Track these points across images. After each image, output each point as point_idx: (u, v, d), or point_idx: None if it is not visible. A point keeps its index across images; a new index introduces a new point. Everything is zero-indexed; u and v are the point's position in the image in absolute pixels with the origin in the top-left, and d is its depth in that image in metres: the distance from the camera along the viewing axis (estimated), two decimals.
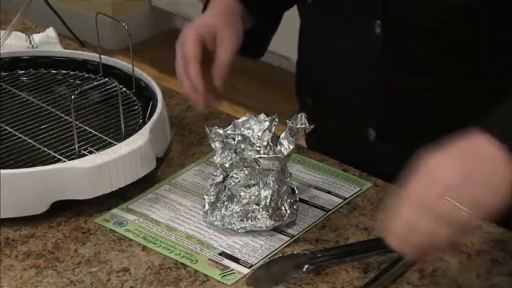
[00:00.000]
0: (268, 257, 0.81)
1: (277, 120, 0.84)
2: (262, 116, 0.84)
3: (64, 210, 0.87)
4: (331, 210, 0.88)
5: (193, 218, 0.86)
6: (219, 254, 0.82)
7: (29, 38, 1.12)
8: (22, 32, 1.14)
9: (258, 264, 0.80)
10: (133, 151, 0.89)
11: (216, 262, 0.81)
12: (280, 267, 0.80)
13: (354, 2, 0.90)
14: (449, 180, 0.67)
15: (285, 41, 1.21)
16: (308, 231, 0.85)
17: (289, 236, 0.84)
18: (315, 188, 0.91)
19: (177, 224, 0.86)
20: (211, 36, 0.91)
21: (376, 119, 0.94)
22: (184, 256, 0.81)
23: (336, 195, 0.90)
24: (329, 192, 0.90)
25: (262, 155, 0.81)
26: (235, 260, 0.81)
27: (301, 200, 0.88)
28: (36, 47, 1.11)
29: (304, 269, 0.79)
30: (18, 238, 0.85)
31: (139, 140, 0.90)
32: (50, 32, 1.15)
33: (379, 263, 0.81)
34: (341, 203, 0.89)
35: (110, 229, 0.85)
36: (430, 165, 0.68)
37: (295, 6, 0.99)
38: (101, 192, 0.87)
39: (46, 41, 1.12)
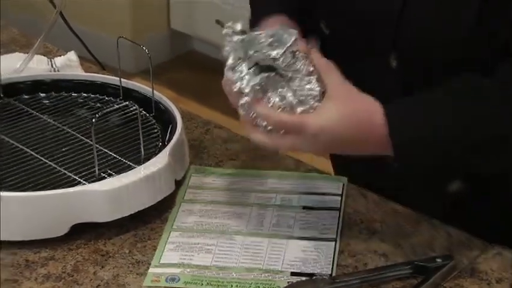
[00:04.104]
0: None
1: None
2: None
3: (83, 232, 0.88)
4: (340, 208, 0.91)
5: (231, 252, 0.86)
6: (291, 274, 0.82)
7: (51, 61, 1.13)
8: (44, 56, 1.15)
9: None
10: (152, 174, 0.89)
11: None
12: None
13: (367, 35, 0.90)
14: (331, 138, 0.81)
15: None
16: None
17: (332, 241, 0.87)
18: (304, 194, 0.93)
19: (223, 262, 0.84)
20: None
21: None
22: (265, 286, 0.81)
23: (331, 194, 0.93)
24: (322, 194, 0.92)
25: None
26: (311, 275, 0.82)
27: (306, 208, 0.90)
28: (58, 70, 1.13)
29: None
30: (38, 260, 0.85)
31: (158, 163, 0.90)
32: (72, 55, 1.16)
33: None
34: (341, 200, 0.92)
35: (132, 257, 0.85)
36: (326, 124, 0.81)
37: None
38: (120, 215, 0.88)
39: (67, 65, 1.14)
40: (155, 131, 0.99)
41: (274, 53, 0.81)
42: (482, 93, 0.82)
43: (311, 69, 0.82)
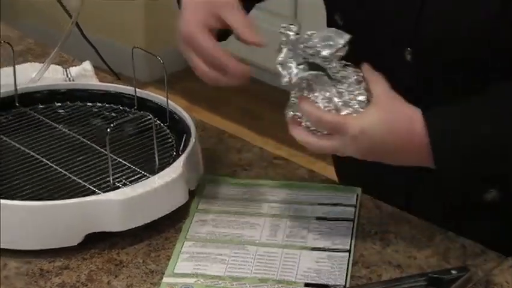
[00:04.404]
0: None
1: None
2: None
3: (97, 242, 0.88)
4: (354, 219, 0.91)
5: (245, 263, 0.85)
6: (305, 285, 0.82)
7: (66, 71, 1.14)
8: (59, 65, 1.16)
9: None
10: (166, 184, 0.89)
11: None
12: None
13: (385, 29, 0.90)
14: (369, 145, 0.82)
15: None
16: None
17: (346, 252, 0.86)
18: (318, 204, 0.93)
19: (237, 272, 0.84)
20: (214, 18, 0.88)
21: None
22: None
23: (344, 205, 0.93)
24: (335, 205, 0.92)
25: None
26: (325, 286, 0.82)
27: (320, 218, 0.90)
28: (73, 80, 1.13)
29: None
30: (52, 270, 0.85)
31: (172, 173, 0.91)
32: (87, 65, 1.17)
33: None
34: (355, 211, 0.92)
35: (146, 267, 0.86)
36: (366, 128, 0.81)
37: None
38: (135, 225, 0.88)
39: (83, 74, 1.14)
40: (170, 140, 0.99)
41: (325, 53, 0.82)
42: None
43: (360, 78, 0.83)
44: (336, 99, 0.83)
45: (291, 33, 0.83)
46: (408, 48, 0.88)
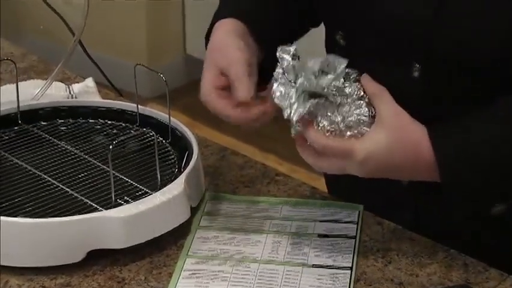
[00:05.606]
0: None
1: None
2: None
3: (99, 258, 0.88)
4: (356, 236, 0.91)
5: (246, 280, 0.85)
6: None
7: (69, 87, 1.15)
8: (62, 82, 1.16)
9: None
10: (168, 201, 0.89)
11: None
12: None
13: (392, 46, 0.89)
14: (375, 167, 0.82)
15: None
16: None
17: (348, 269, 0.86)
18: (320, 221, 0.93)
19: None
20: (223, 77, 0.90)
21: None
22: None
23: (346, 222, 0.92)
24: (337, 222, 0.92)
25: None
26: None
27: (321, 235, 0.90)
28: (76, 97, 1.14)
29: None
30: (54, 287, 0.85)
31: (174, 190, 0.91)
32: (89, 82, 1.17)
33: None
34: (356, 228, 0.92)
35: (148, 284, 0.85)
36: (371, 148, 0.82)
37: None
38: (137, 242, 0.88)
39: (85, 91, 1.15)
40: (172, 157, 1.00)
41: (323, 82, 0.82)
42: None
43: (361, 93, 0.83)
44: (339, 122, 0.83)
45: (287, 60, 0.83)
46: (417, 65, 0.87)
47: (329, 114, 0.83)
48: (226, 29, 0.93)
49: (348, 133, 0.83)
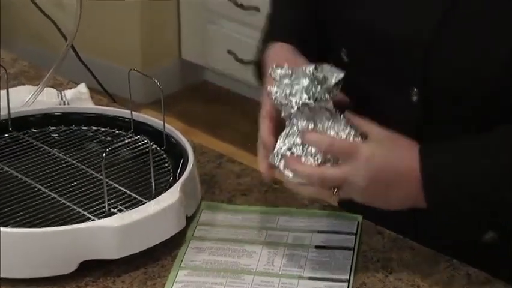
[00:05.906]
0: None
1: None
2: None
3: (91, 269, 0.86)
4: (354, 248, 0.89)
5: None
6: None
7: (61, 94, 1.13)
8: (54, 88, 1.14)
9: None
10: (163, 210, 0.87)
11: None
12: None
13: (390, 67, 0.89)
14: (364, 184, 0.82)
15: None
16: None
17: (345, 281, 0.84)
18: (317, 232, 0.91)
19: None
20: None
21: None
22: None
23: (345, 233, 0.91)
24: (335, 233, 0.91)
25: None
26: None
27: (319, 247, 0.89)
28: (68, 103, 1.12)
29: None
30: None
31: (169, 198, 0.89)
32: (82, 88, 1.15)
33: None
34: (355, 239, 0.90)
35: None
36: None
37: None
38: (131, 252, 0.86)
39: (78, 97, 1.13)
40: (167, 165, 0.98)
41: (317, 93, 0.82)
42: None
43: (350, 123, 0.84)
44: (339, 130, 0.83)
45: (279, 75, 0.83)
46: (415, 89, 0.87)
47: (326, 122, 0.83)
48: (288, 48, 0.93)
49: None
